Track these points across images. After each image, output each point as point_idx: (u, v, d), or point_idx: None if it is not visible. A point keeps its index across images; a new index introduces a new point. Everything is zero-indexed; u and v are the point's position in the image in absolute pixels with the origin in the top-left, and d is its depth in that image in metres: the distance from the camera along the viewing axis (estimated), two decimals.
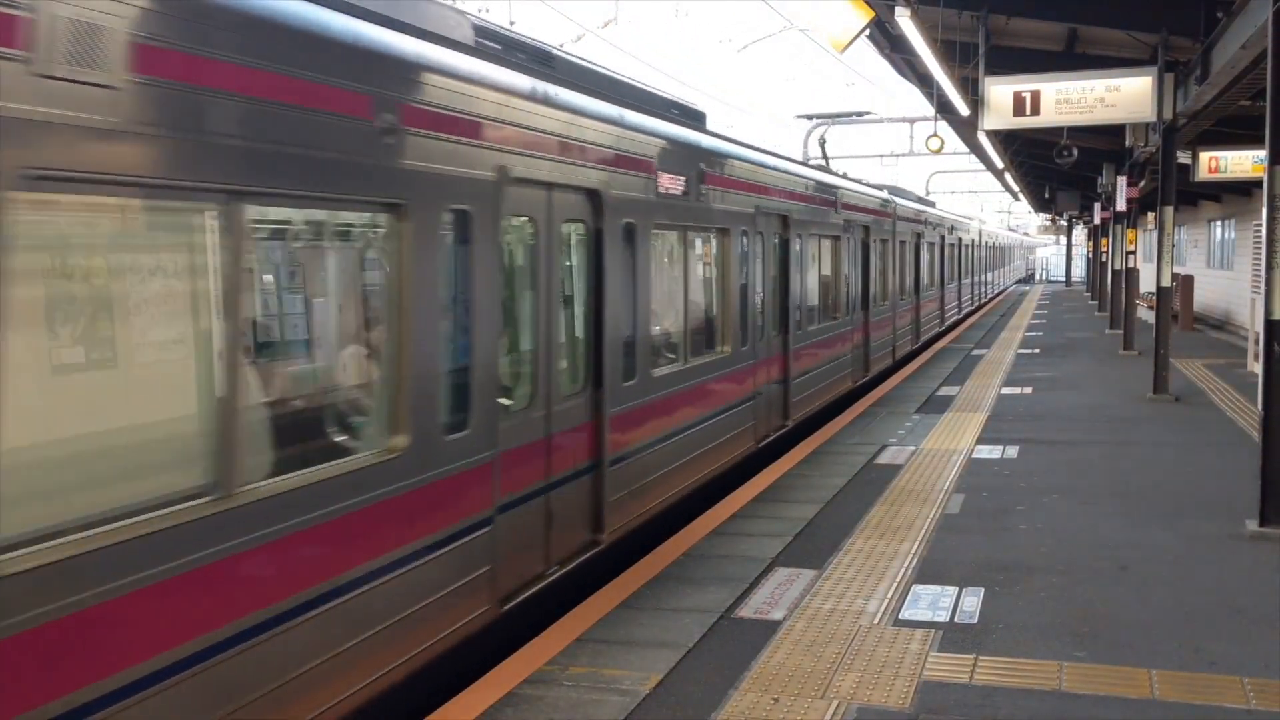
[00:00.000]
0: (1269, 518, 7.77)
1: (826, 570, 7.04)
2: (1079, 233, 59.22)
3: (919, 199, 27.14)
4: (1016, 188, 40.29)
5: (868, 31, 12.39)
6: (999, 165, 28.37)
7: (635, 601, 6.47)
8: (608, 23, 26.65)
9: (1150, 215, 28.95)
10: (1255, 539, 7.66)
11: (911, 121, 34.60)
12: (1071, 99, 13.13)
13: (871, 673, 5.34)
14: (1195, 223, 30.72)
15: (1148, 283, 30.04)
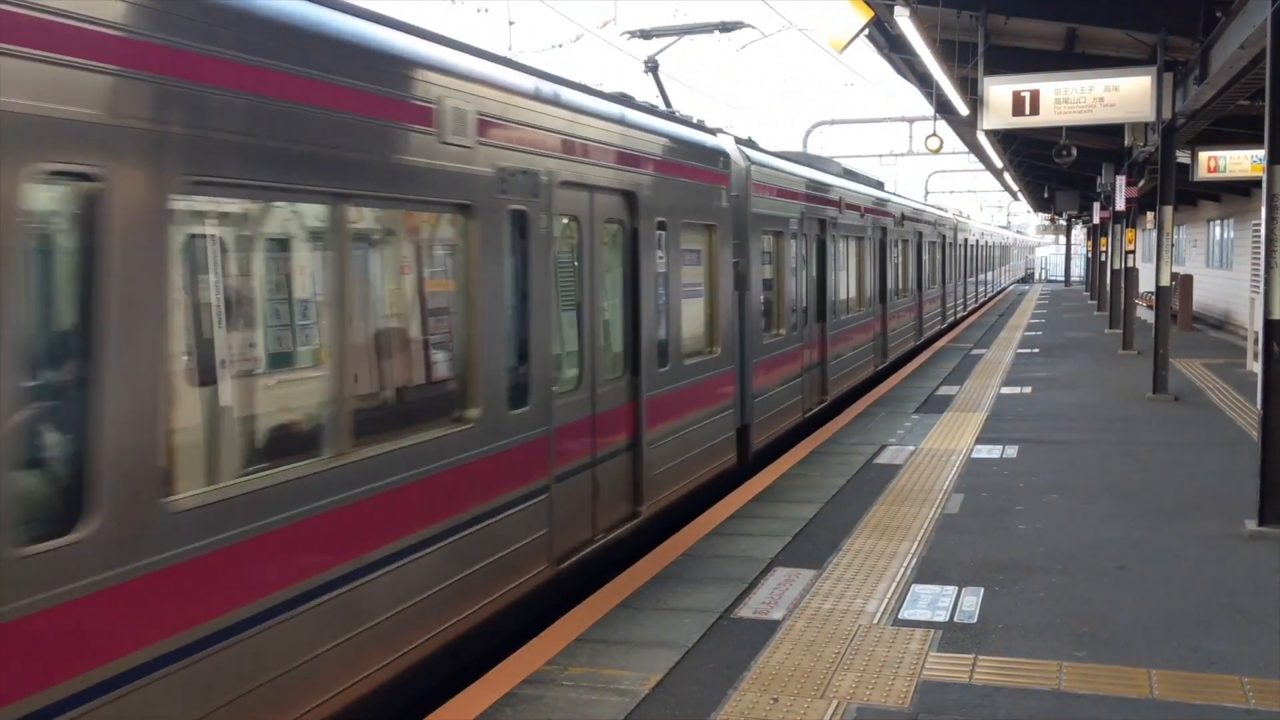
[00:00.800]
0: (1268, 517, 7.77)
1: (826, 570, 7.04)
2: (1078, 232, 59.26)
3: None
4: (1015, 187, 40.31)
5: (867, 31, 12.38)
6: (998, 165, 28.39)
7: (634, 601, 6.47)
8: (606, 23, 26.68)
9: (1149, 215, 28.96)
10: (1254, 538, 7.67)
11: (910, 121, 34.62)
12: (1070, 99, 13.13)
13: (871, 672, 5.34)
14: (1194, 222, 30.73)
15: (1147, 282, 30.04)
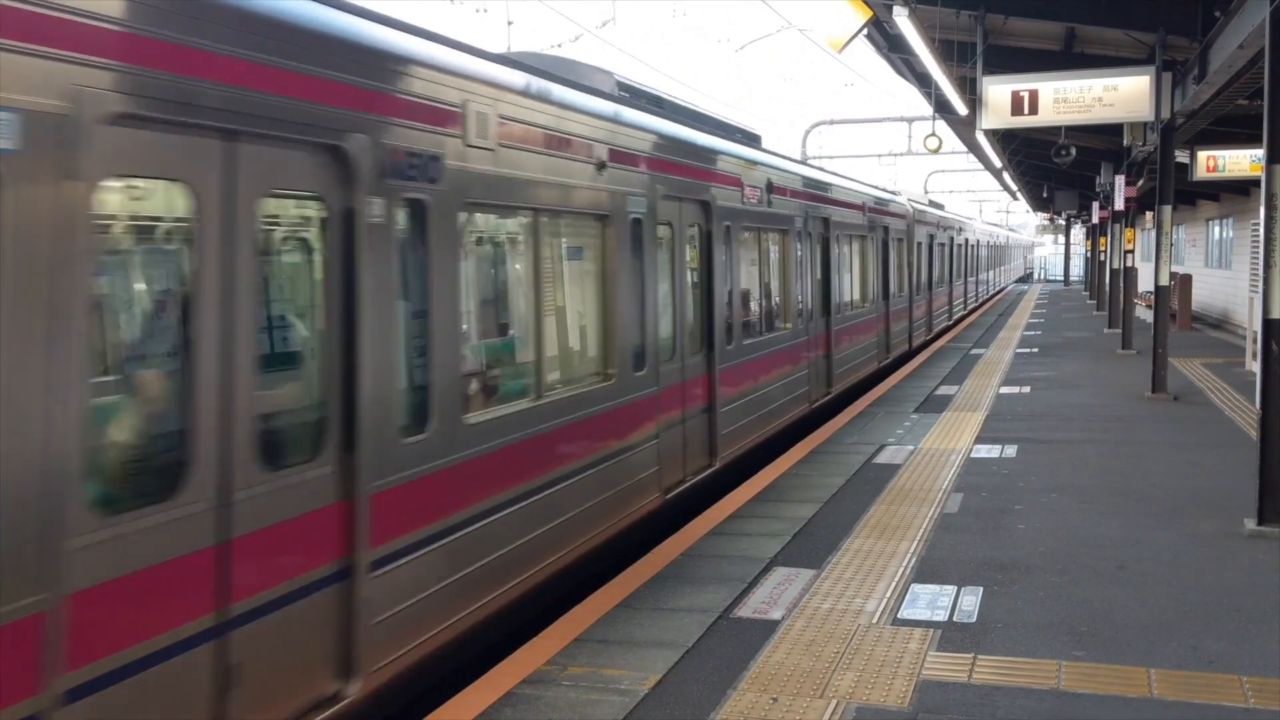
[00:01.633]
0: (1267, 516, 7.78)
1: (825, 570, 7.05)
2: (1077, 232, 59.24)
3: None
4: (1015, 187, 40.30)
5: (865, 31, 12.38)
6: (997, 164, 28.39)
7: (634, 601, 6.47)
8: (605, 22, 26.70)
9: (1148, 214, 29.04)
10: (1253, 538, 7.67)
11: (909, 121, 34.62)
12: (1069, 98, 13.13)
13: (870, 672, 5.35)
14: (1193, 222, 30.74)
15: (1146, 282, 30.10)
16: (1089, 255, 44.82)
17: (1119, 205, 20.91)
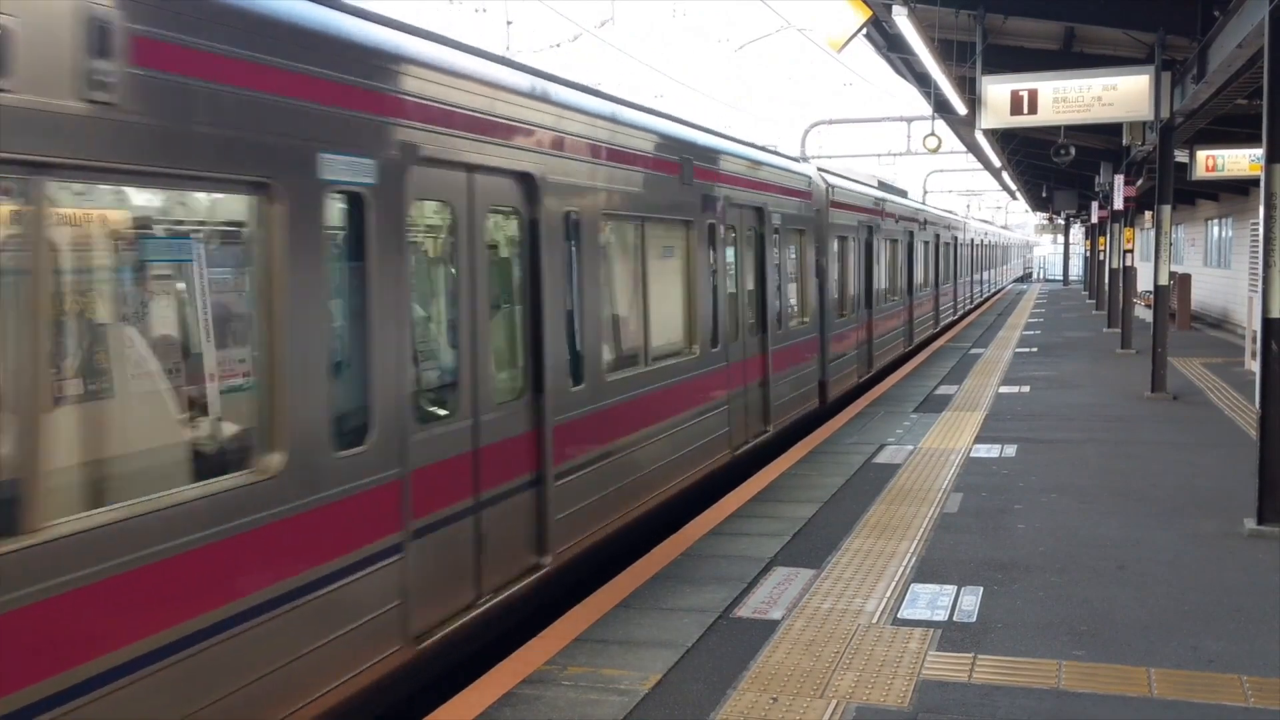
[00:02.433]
0: (1267, 516, 7.78)
1: (825, 570, 7.04)
2: (1076, 231, 59.25)
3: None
4: (1014, 186, 40.30)
5: (865, 31, 12.38)
6: (996, 164, 28.39)
7: (634, 601, 6.47)
8: (604, 22, 26.70)
9: (1147, 214, 29.02)
10: (1253, 537, 7.67)
11: (909, 120, 34.59)
12: (1069, 98, 13.13)
13: (870, 672, 5.34)
14: (1192, 221, 30.75)
15: (1145, 281, 30.15)
16: (1088, 255, 44.84)
17: (1118, 205, 20.91)
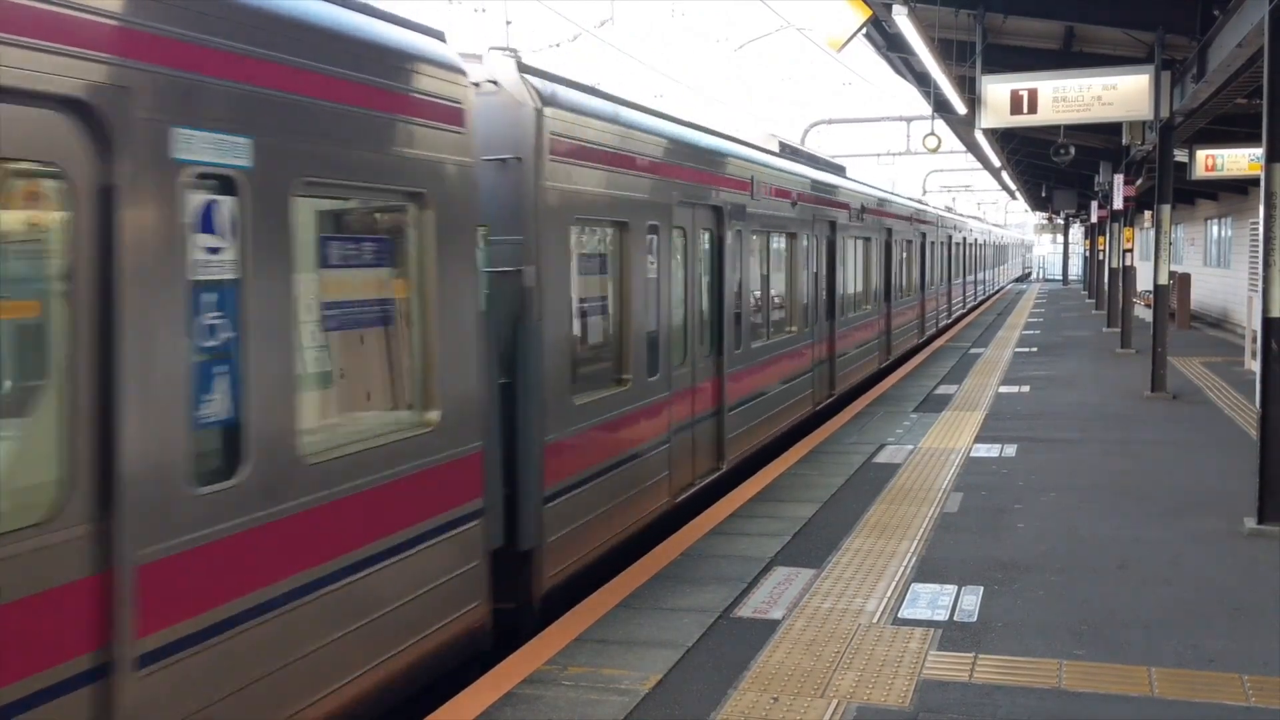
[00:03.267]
0: (1267, 515, 7.77)
1: (825, 569, 7.04)
2: (1076, 231, 59.23)
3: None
4: (1013, 186, 40.30)
5: (865, 30, 12.38)
6: (996, 164, 28.39)
7: (634, 601, 6.47)
8: (604, 22, 26.66)
9: (1147, 214, 29.02)
10: (1253, 536, 7.67)
11: (908, 120, 34.61)
12: (1068, 97, 13.12)
13: (871, 672, 5.34)
14: (1192, 221, 30.74)
15: (1145, 281, 30.11)
16: (1087, 255, 44.80)
17: (1118, 204, 20.92)
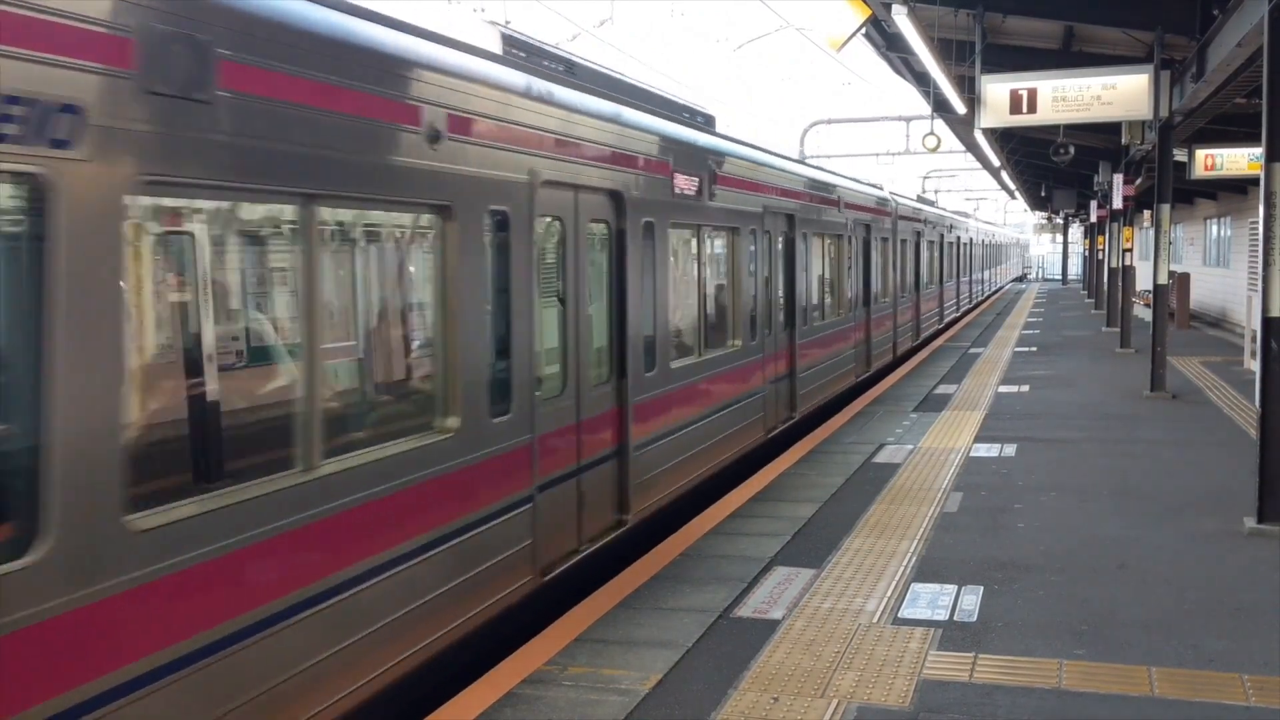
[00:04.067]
0: (1266, 515, 7.77)
1: (825, 569, 7.04)
2: (1075, 230, 59.23)
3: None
4: (1013, 185, 40.29)
5: (864, 30, 12.38)
6: (995, 163, 28.38)
7: (634, 601, 6.47)
8: (603, 22, 26.65)
9: (1146, 213, 29.01)
10: (1253, 536, 7.67)
11: (908, 120, 34.60)
12: (1068, 97, 13.11)
13: (871, 671, 5.34)
14: (1191, 220, 30.74)
15: (1144, 281, 30.11)
16: (1087, 254, 44.79)
17: (1117, 204, 20.91)
